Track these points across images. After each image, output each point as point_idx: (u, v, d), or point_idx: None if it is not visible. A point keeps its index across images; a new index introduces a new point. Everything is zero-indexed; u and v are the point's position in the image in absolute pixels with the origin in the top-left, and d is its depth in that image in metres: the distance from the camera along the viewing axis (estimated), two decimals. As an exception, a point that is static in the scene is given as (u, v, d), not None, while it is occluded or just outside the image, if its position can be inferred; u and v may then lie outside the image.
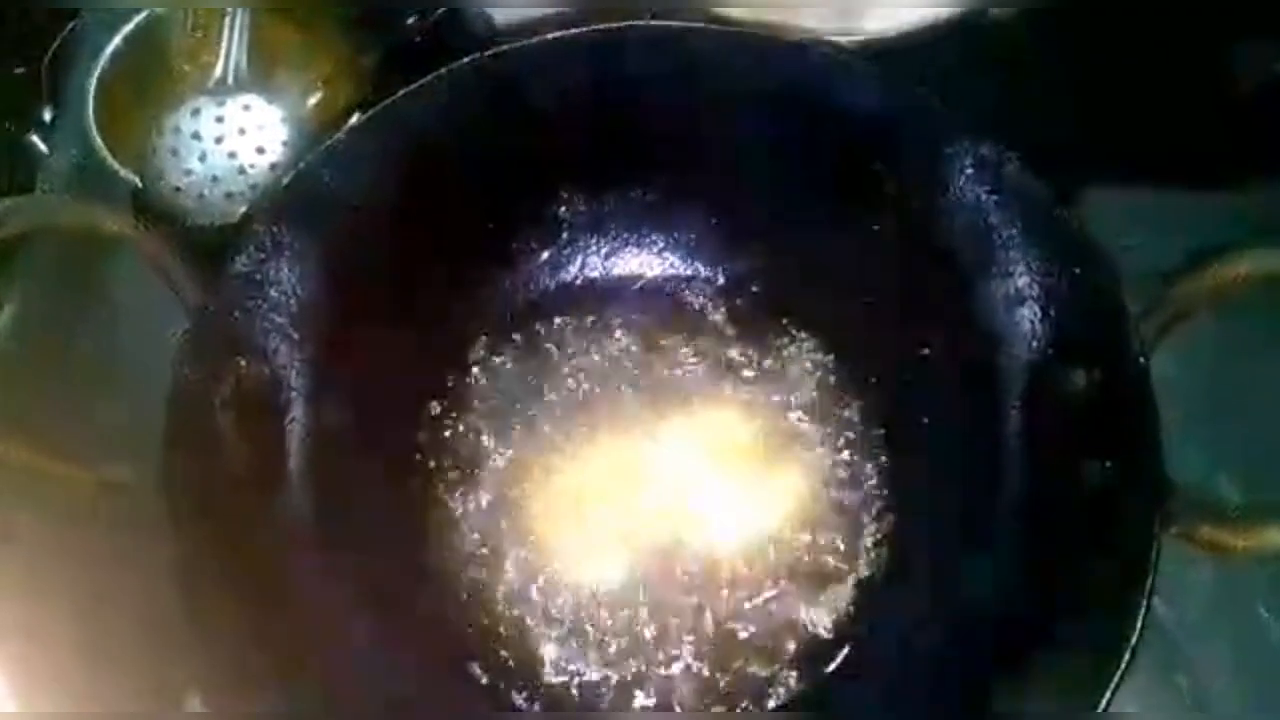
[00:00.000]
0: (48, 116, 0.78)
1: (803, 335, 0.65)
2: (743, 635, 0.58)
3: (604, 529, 0.60)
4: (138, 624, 0.58)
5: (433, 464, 0.63)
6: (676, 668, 0.58)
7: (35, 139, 0.78)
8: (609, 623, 0.59)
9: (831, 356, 0.64)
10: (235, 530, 0.52)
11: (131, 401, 0.63)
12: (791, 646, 0.58)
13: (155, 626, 0.53)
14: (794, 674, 0.57)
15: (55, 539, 0.60)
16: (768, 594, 0.59)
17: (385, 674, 0.55)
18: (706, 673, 0.58)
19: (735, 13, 0.64)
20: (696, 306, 0.66)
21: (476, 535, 0.61)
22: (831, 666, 0.58)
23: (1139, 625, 0.45)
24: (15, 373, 0.68)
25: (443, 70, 0.57)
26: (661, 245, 0.67)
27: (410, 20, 0.70)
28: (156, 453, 0.50)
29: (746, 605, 0.59)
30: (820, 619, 0.59)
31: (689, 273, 0.67)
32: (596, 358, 0.65)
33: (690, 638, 0.58)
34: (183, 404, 0.51)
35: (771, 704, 0.57)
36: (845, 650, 0.58)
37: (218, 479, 0.52)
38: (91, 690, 0.57)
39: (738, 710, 0.57)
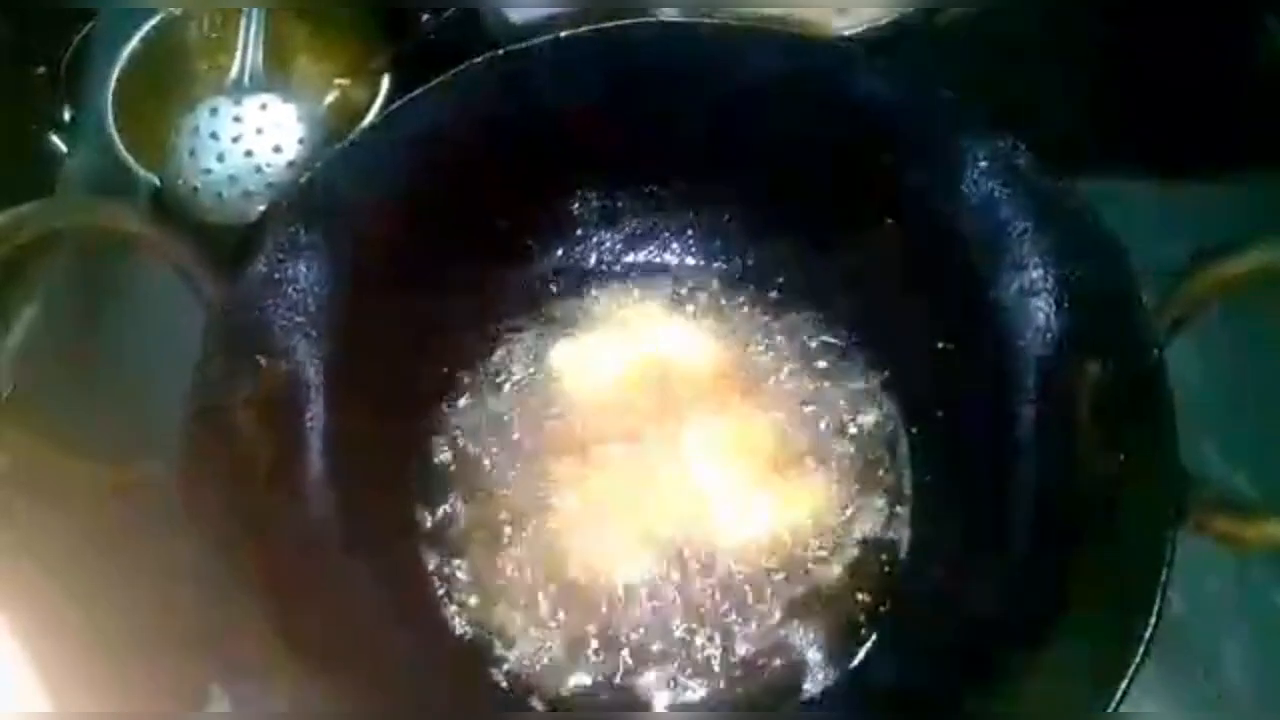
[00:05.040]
0: (67, 116, 0.79)
1: (816, 328, 0.65)
2: (764, 636, 0.58)
3: (624, 530, 0.60)
4: (159, 620, 0.58)
5: (449, 463, 0.63)
6: (700, 670, 0.58)
7: (55, 138, 0.79)
8: (631, 627, 0.59)
9: (847, 350, 0.65)
10: (255, 527, 0.53)
11: (151, 400, 0.64)
12: (810, 645, 0.58)
13: (176, 622, 0.54)
14: (813, 672, 0.58)
15: (76, 535, 0.61)
16: (786, 592, 0.59)
17: (405, 672, 0.55)
18: (729, 674, 0.58)
19: (747, 9, 0.64)
20: (711, 301, 0.66)
21: (494, 536, 0.61)
22: (853, 662, 0.58)
23: (1154, 618, 0.45)
24: (37, 371, 0.69)
25: (458, 69, 0.57)
26: (676, 241, 0.67)
27: (425, 19, 0.71)
28: (177, 450, 0.51)
29: (767, 604, 0.59)
30: (840, 616, 0.59)
31: (704, 268, 0.67)
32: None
33: (714, 639, 0.58)
34: (203, 402, 0.52)
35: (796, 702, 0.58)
36: (866, 645, 0.58)
37: (238, 476, 0.53)
38: (114, 687, 0.58)
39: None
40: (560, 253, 0.67)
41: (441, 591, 0.60)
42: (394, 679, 0.55)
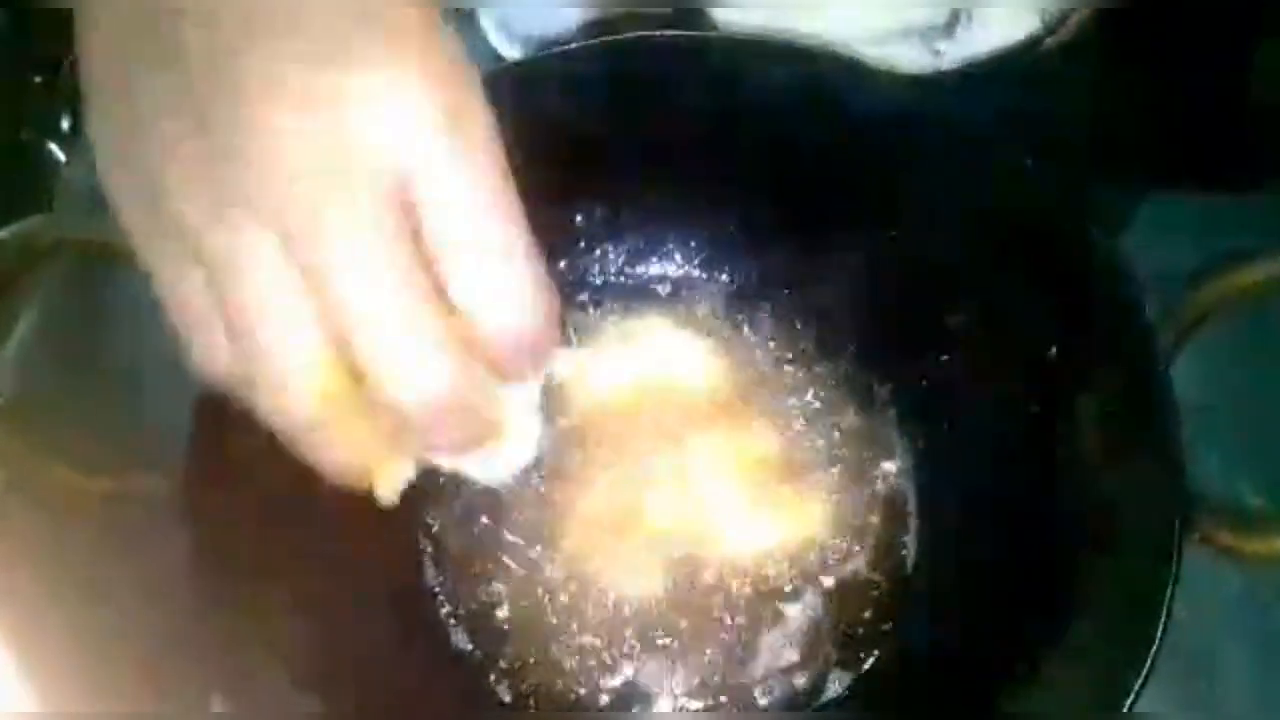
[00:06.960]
0: (66, 125, 0.79)
1: (821, 341, 0.65)
2: (770, 647, 0.58)
3: (628, 542, 0.60)
4: (155, 630, 0.58)
5: (451, 476, 0.62)
6: (706, 682, 0.58)
7: (54, 147, 0.78)
8: (635, 639, 0.59)
9: (850, 362, 0.65)
10: (256, 537, 0.52)
11: (149, 411, 0.63)
12: (817, 655, 0.58)
13: (173, 632, 0.53)
14: (820, 681, 0.58)
15: (73, 545, 0.60)
16: (794, 603, 0.59)
17: (405, 684, 0.55)
18: (735, 686, 0.58)
19: (751, 18, 0.64)
20: (715, 314, 0.66)
21: (495, 548, 0.61)
22: (861, 671, 0.58)
23: (1161, 630, 0.45)
24: (35, 381, 0.68)
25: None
26: (680, 253, 0.67)
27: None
28: (179, 462, 0.50)
29: (773, 616, 0.59)
30: (846, 626, 0.59)
31: (708, 280, 0.67)
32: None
33: (720, 651, 0.58)
34: (206, 413, 0.52)
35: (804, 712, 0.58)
36: (872, 656, 0.58)
37: (240, 487, 0.52)
38: (110, 695, 0.57)
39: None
40: (563, 265, 0.66)
41: (443, 605, 0.60)
42: (393, 692, 0.55)
